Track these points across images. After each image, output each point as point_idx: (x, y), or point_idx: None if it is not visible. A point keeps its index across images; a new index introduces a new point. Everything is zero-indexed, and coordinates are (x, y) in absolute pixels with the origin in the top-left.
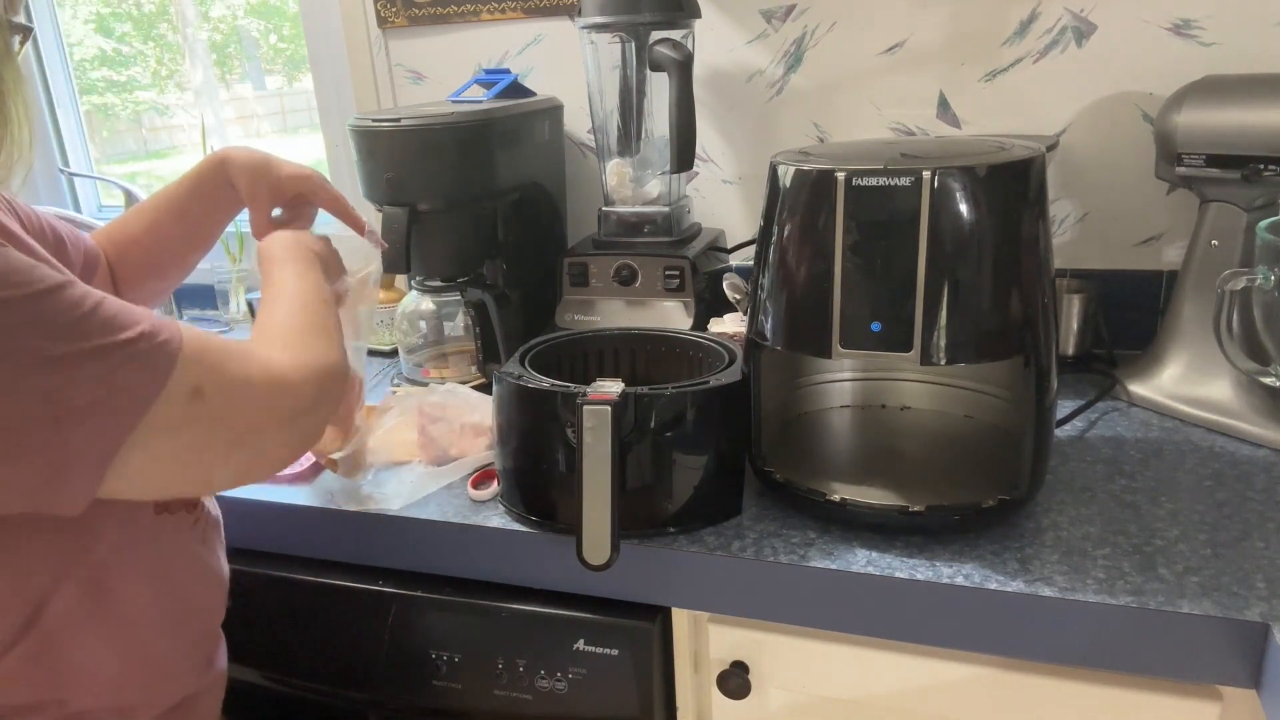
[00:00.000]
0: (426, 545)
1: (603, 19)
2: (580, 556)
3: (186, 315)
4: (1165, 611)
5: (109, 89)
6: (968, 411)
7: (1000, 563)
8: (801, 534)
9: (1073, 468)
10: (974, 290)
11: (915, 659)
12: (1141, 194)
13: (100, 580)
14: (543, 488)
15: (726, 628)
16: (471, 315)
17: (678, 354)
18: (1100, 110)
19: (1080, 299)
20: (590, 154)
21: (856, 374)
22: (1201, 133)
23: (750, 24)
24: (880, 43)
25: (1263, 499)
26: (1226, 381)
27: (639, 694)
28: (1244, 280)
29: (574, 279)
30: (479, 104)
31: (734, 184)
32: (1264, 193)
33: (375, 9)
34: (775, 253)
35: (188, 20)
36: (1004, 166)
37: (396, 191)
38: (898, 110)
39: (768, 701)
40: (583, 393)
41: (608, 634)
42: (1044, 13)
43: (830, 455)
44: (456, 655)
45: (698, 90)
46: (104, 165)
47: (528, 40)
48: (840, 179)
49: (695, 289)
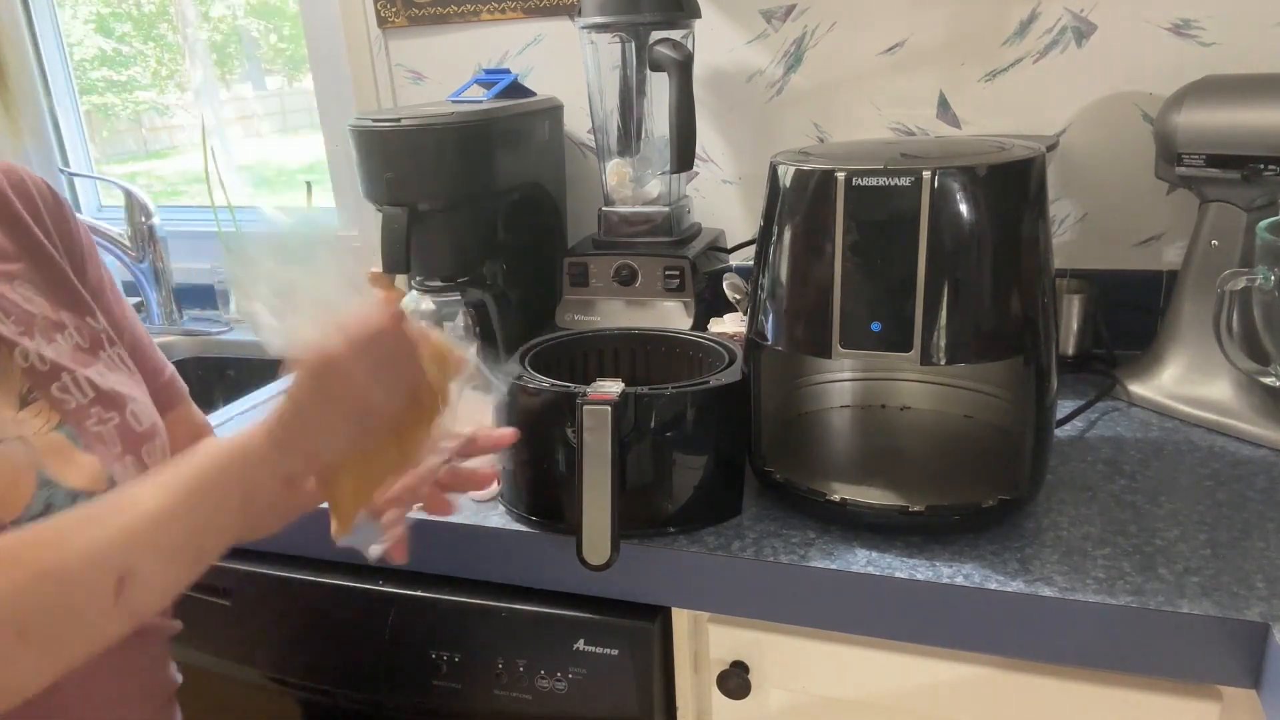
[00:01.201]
0: (426, 545)
1: (603, 19)
2: (580, 556)
3: (187, 315)
4: (1165, 611)
5: (109, 89)
6: (968, 411)
7: (1000, 563)
8: (801, 534)
9: (1073, 468)
10: (974, 290)
11: (915, 659)
12: (1141, 194)
13: None
14: (543, 488)
15: (726, 628)
16: (471, 315)
17: (678, 354)
18: (1100, 110)
19: (1080, 299)
20: (590, 154)
21: (856, 374)
22: (1201, 133)
23: (750, 24)
24: (880, 43)
25: (1263, 499)
26: (1226, 381)
27: (639, 694)
28: (1244, 280)
29: (574, 279)
30: (479, 104)
31: (734, 184)
32: (1264, 193)
33: (375, 9)
34: (775, 253)
35: (188, 20)
36: (1004, 166)
37: (396, 191)
38: (898, 110)
39: (768, 701)
40: (583, 393)
41: (608, 634)
42: (1044, 13)
43: (830, 455)
44: (456, 655)
45: (698, 90)
46: (104, 165)
47: (528, 40)
48: (840, 179)
49: (695, 289)
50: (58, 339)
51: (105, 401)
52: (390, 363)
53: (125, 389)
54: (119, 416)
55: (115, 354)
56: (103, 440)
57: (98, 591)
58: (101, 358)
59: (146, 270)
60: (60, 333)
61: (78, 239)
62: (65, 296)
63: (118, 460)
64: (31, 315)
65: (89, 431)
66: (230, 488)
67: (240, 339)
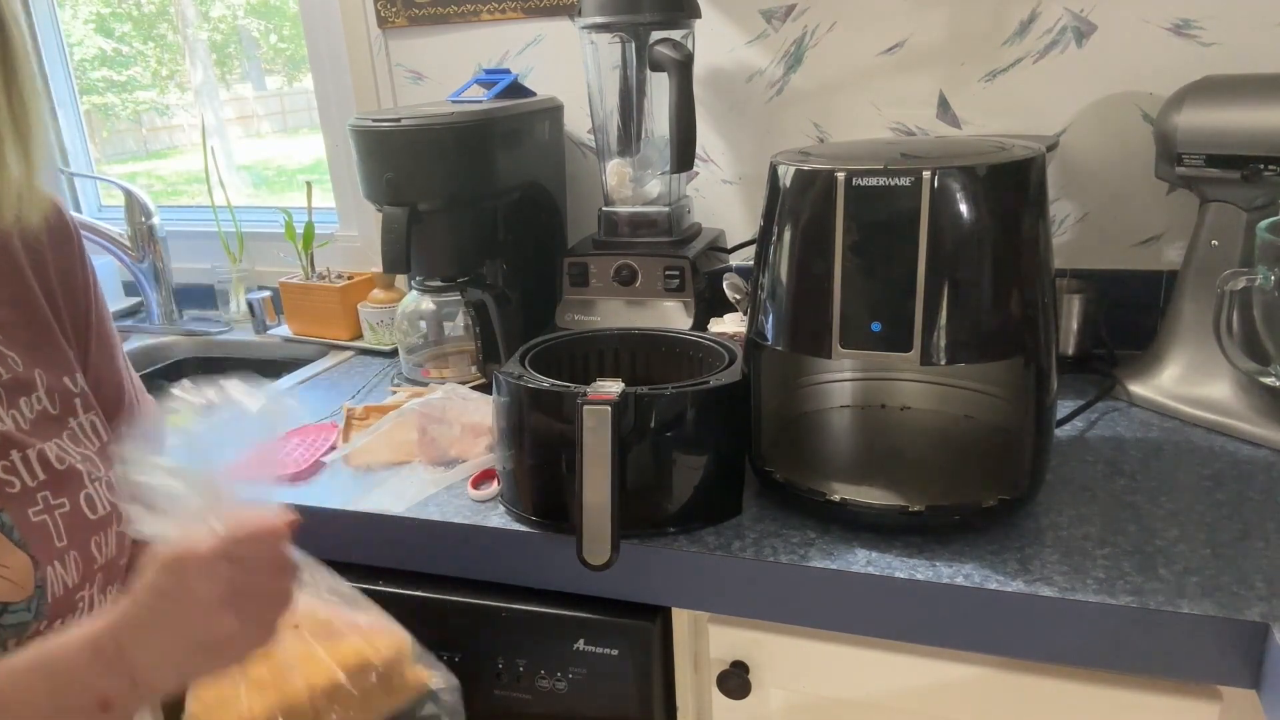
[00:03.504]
0: (427, 545)
1: (603, 19)
2: (580, 556)
3: (187, 315)
4: (1165, 611)
5: (109, 89)
6: (968, 411)
7: (1000, 563)
8: (801, 534)
9: (1073, 468)
10: (974, 290)
11: (915, 659)
12: (1141, 194)
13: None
14: (543, 488)
15: (726, 628)
16: (471, 315)
17: (678, 354)
18: (1100, 110)
19: (1080, 299)
20: (590, 154)
21: (856, 374)
22: (1201, 133)
23: (750, 24)
24: (880, 43)
25: (1263, 499)
26: (1226, 381)
27: (639, 694)
28: (1244, 280)
29: (574, 279)
30: (479, 104)
31: (734, 184)
32: (1264, 193)
33: (375, 9)
34: (775, 253)
35: (188, 20)
36: (1004, 166)
37: (396, 191)
38: (898, 110)
39: (768, 701)
40: (583, 393)
41: (608, 634)
42: (1044, 13)
43: (830, 455)
44: (456, 655)
45: (698, 90)
46: (104, 165)
47: (528, 40)
48: (840, 179)
49: (695, 289)
50: (20, 405)
51: (57, 484)
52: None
53: (86, 466)
54: (69, 503)
55: (87, 421)
56: (45, 531)
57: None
58: (70, 425)
59: (146, 270)
60: (27, 395)
61: (77, 276)
62: (45, 354)
63: (58, 557)
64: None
65: (29, 521)
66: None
67: (240, 339)
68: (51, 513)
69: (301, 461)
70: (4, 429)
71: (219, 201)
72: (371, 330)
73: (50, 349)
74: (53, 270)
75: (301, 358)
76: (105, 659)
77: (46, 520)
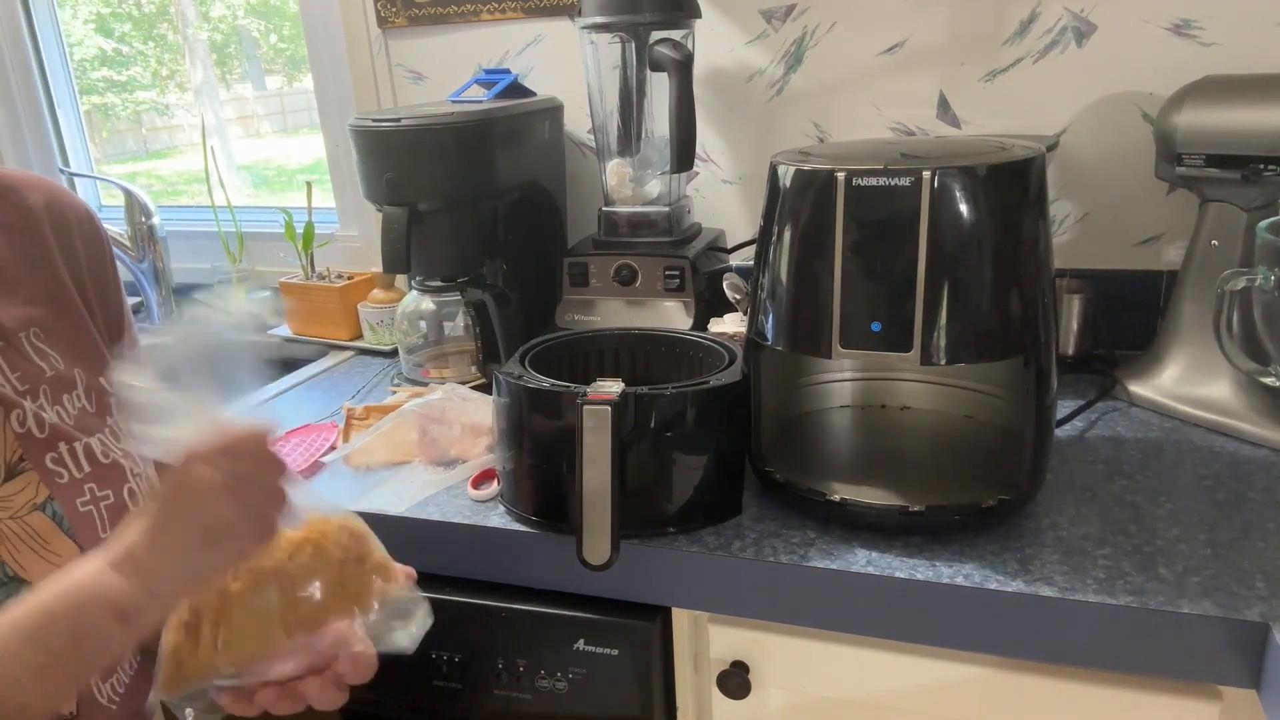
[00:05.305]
0: (427, 545)
1: (603, 19)
2: (580, 556)
3: None
4: (1165, 611)
5: (109, 89)
6: (968, 411)
7: (1000, 563)
8: (801, 534)
9: (1073, 468)
10: (974, 290)
11: (915, 659)
12: (1141, 194)
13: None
14: (543, 488)
15: (726, 628)
16: (471, 315)
17: (678, 354)
18: (1100, 110)
19: (1080, 299)
20: (590, 154)
21: (856, 374)
22: (1201, 133)
23: (750, 24)
24: (880, 43)
25: (1263, 499)
26: (1226, 381)
27: (639, 694)
28: (1244, 280)
29: (574, 279)
30: (479, 104)
31: (734, 184)
32: (1264, 193)
33: (375, 9)
34: (775, 253)
35: (188, 20)
36: (1004, 166)
37: (396, 191)
38: (898, 110)
39: (768, 701)
40: (583, 393)
41: (608, 634)
42: (1044, 13)
43: (830, 455)
44: (456, 655)
45: (698, 90)
46: (104, 165)
47: (528, 40)
48: (840, 179)
49: (695, 289)
50: (64, 401)
51: (102, 477)
52: (253, 477)
53: (127, 462)
54: (113, 495)
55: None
56: (91, 522)
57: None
58: (109, 422)
59: (146, 270)
60: (69, 393)
61: (109, 274)
62: (83, 349)
63: None
64: (40, 371)
65: (77, 511)
66: (57, 626)
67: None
68: (97, 504)
69: (301, 462)
70: (53, 421)
71: (219, 201)
72: (371, 330)
73: (87, 347)
74: (85, 268)
75: (301, 358)
76: (120, 569)
77: (93, 511)
